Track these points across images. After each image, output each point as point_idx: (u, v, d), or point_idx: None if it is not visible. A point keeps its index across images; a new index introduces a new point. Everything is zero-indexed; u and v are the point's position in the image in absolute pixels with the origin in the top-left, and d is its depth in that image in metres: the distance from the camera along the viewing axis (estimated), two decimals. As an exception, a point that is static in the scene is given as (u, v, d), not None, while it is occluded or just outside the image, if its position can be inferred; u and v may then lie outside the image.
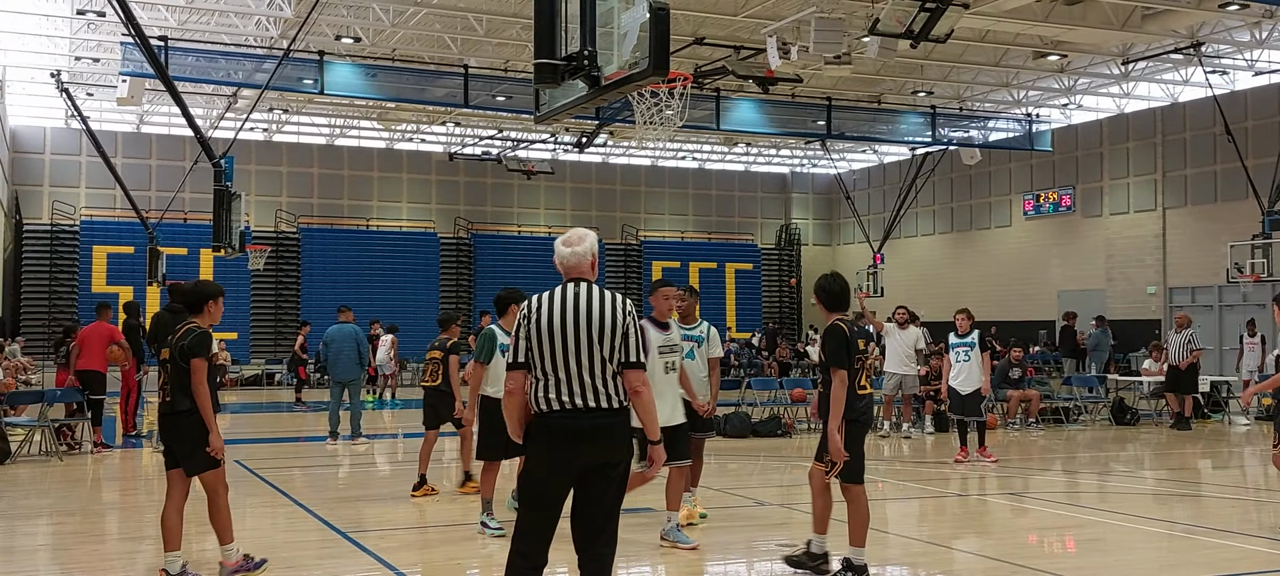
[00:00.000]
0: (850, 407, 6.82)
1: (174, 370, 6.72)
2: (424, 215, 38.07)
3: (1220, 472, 13.50)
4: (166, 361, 6.79)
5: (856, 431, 6.94)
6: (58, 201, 34.15)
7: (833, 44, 17.97)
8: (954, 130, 30.65)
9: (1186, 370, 17.85)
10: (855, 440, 6.93)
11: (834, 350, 6.80)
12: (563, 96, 7.67)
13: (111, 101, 27.39)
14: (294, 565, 7.69)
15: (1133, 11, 21.87)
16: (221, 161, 19.56)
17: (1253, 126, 27.65)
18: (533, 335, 4.82)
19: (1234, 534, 8.91)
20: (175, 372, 6.71)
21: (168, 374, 6.77)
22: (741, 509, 9.99)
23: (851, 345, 6.83)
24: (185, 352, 6.70)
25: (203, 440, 6.69)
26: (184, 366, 6.69)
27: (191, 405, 6.68)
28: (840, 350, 6.78)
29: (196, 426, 6.68)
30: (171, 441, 6.82)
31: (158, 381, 6.94)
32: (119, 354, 14.21)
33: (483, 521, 8.51)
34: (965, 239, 37.20)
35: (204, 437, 6.69)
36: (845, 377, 6.76)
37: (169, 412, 6.77)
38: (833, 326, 6.90)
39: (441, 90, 25.93)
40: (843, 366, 6.76)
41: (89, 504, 10.81)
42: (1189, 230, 29.81)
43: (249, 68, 23.91)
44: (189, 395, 6.68)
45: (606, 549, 4.88)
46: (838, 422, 6.79)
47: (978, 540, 8.95)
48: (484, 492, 8.61)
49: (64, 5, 23.33)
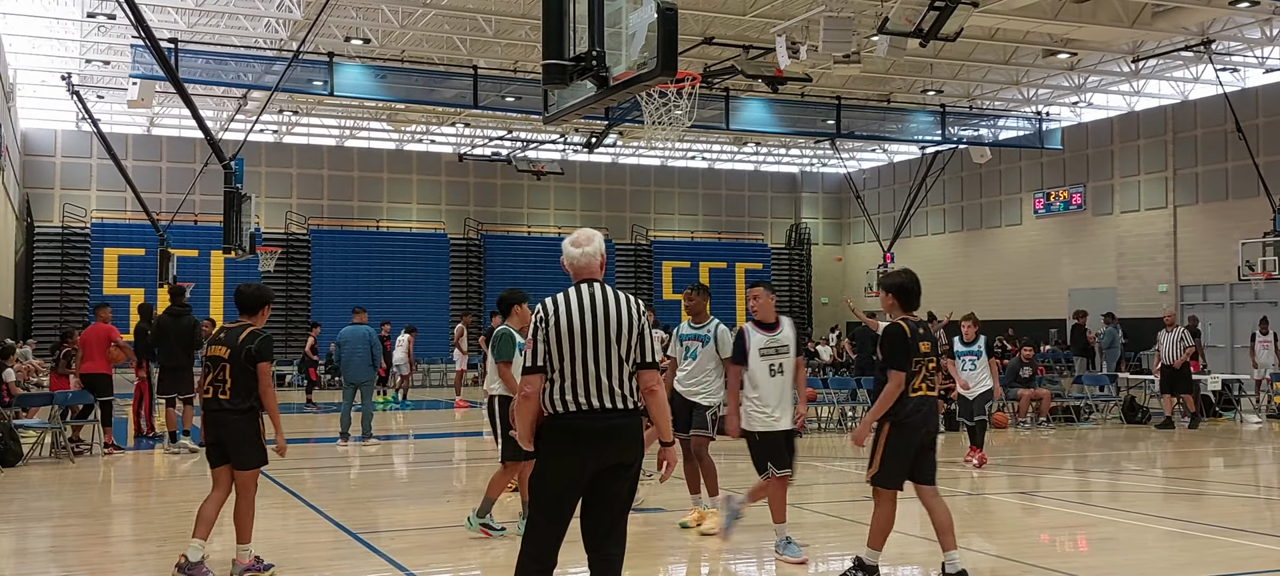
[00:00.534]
0: (898, 408, 6.59)
1: (238, 371, 6.92)
2: (434, 216, 38.12)
3: (1233, 471, 13.44)
4: (220, 360, 6.95)
5: (906, 436, 6.65)
6: (69, 204, 34.28)
7: (842, 43, 17.94)
8: (964, 129, 30.58)
9: (1181, 369, 17.67)
10: (903, 445, 6.65)
11: (892, 351, 6.61)
12: (571, 97, 7.66)
13: (122, 104, 27.49)
14: (305, 567, 7.70)
15: (1143, 9, 21.78)
16: (232, 163, 19.60)
17: (1264, 124, 27.53)
18: (552, 337, 4.81)
19: (1247, 532, 8.87)
20: (238, 373, 6.92)
21: (217, 373, 6.95)
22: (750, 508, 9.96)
23: (913, 347, 6.61)
24: (253, 356, 6.94)
25: (255, 438, 6.97)
26: (250, 369, 6.93)
27: (251, 404, 6.94)
28: (899, 352, 6.58)
29: (252, 424, 6.96)
30: (223, 437, 6.99)
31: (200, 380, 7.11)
32: (118, 353, 14.23)
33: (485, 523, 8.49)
34: (976, 238, 37.11)
35: (257, 435, 6.97)
36: (902, 381, 6.54)
37: (224, 409, 6.95)
38: (895, 327, 6.70)
39: (451, 91, 25.97)
40: (902, 368, 6.55)
41: (99, 506, 10.85)
42: (1200, 228, 29.68)
43: (259, 69, 23.98)
44: (253, 395, 6.93)
45: (617, 549, 4.87)
46: (877, 417, 6.63)
47: (989, 539, 8.92)
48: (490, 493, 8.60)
49: (74, 8, 23.41)
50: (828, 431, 16.98)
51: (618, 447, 4.80)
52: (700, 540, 8.48)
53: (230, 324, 7.16)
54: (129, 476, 12.72)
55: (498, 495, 8.59)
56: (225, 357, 6.95)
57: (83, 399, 14.17)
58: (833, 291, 42.90)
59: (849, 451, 14.87)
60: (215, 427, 7.02)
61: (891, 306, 6.82)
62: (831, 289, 42.97)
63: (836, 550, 8.54)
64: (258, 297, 7.21)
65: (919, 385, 6.66)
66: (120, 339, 14.32)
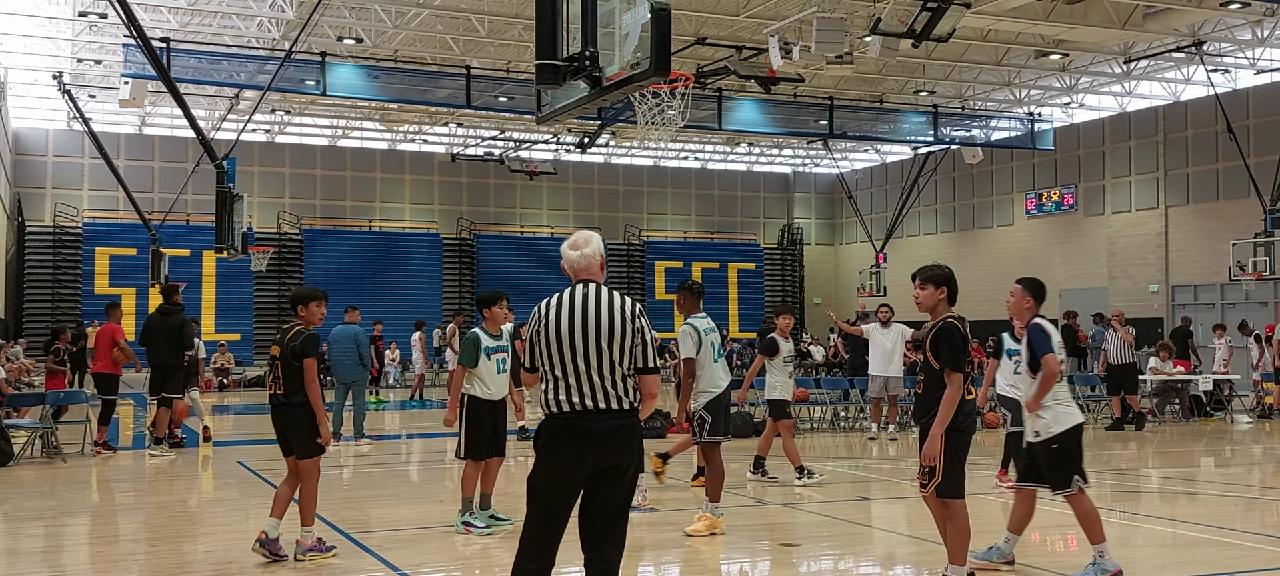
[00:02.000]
0: (958, 414, 6.23)
1: (288, 367, 7.40)
2: (427, 216, 38.10)
3: (1223, 471, 13.49)
4: (275, 359, 7.45)
5: (961, 440, 6.32)
6: (60, 203, 34.19)
7: (834, 43, 17.97)
8: (956, 129, 30.66)
9: (1126, 368, 17.47)
10: (962, 450, 6.34)
11: (951, 352, 6.17)
12: (565, 97, 7.68)
13: (114, 103, 27.45)
14: (298, 567, 7.70)
15: (1134, 10, 21.86)
16: (224, 163, 19.58)
17: (1254, 124, 27.64)
18: (541, 338, 4.84)
19: (1236, 531, 8.91)
20: (288, 369, 7.40)
21: (274, 371, 7.48)
22: (743, 508, 10.00)
23: (968, 346, 6.25)
24: (297, 353, 7.39)
25: (314, 430, 7.45)
26: (297, 365, 7.38)
27: (304, 398, 7.41)
28: (958, 352, 6.17)
29: (309, 417, 7.43)
30: (284, 429, 7.53)
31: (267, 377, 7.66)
32: (120, 355, 14.21)
33: (466, 521, 8.53)
34: (968, 238, 37.19)
35: (315, 427, 7.45)
36: (960, 382, 6.15)
37: (281, 404, 7.48)
38: (948, 326, 6.27)
39: (444, 91, 25.97)
40: (959, 370, 6.15)
41: (91, 506, 10.83)
42: (1191, 228, 29.79)
43: (251, 69, 23.96)
44: (303, 389, 7.41)
45: (615, 550, 4.88)
46: (945, 425, 6.18)
47: (980, 538, 8.94)
48: (465, 491, 8.67)
49: (66, 7, 23.36)
50: (820, 431, 17.00)
51: (615, 449, 4.81)
52: (699, 542, 8.49)
53: (286, 323, 7.72)
54: (121, 476, 12.70)
55: (471, 492, 8.62)
56: (278, 356, 7.45)
57: (78, 399, 14.15)
58: (825, 292, 42.96)
59: (843, 452, 14.89)
60: (277, 421, 7.57)
61: (939, 301, 6.36)
62: (824, 289, 43.03)
63: (829, 551, 8.56)
64: (301, 294, 7.74)
65: (970, 387, 6.37)
66: (122, 341, 14.25)
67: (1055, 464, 6.85)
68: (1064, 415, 6.86)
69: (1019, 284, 7.19)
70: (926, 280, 6.43)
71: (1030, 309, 7.12)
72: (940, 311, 6.37)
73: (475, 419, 8.55)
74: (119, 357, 14.11)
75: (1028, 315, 7.10)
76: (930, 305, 6.42)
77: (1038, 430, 6.89)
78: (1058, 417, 6.84)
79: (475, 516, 8.59)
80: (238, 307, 34.58)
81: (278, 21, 23.43)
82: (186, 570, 7.73)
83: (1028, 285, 7.21)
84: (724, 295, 40.53)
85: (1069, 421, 6.86)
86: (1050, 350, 6.79)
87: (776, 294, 42.41)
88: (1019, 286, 7.23)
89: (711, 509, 8.63)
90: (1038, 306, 7.13)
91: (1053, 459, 6.85)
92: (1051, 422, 6.83)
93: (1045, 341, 6.85)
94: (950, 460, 6.28)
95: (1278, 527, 9.73)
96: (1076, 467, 6.83)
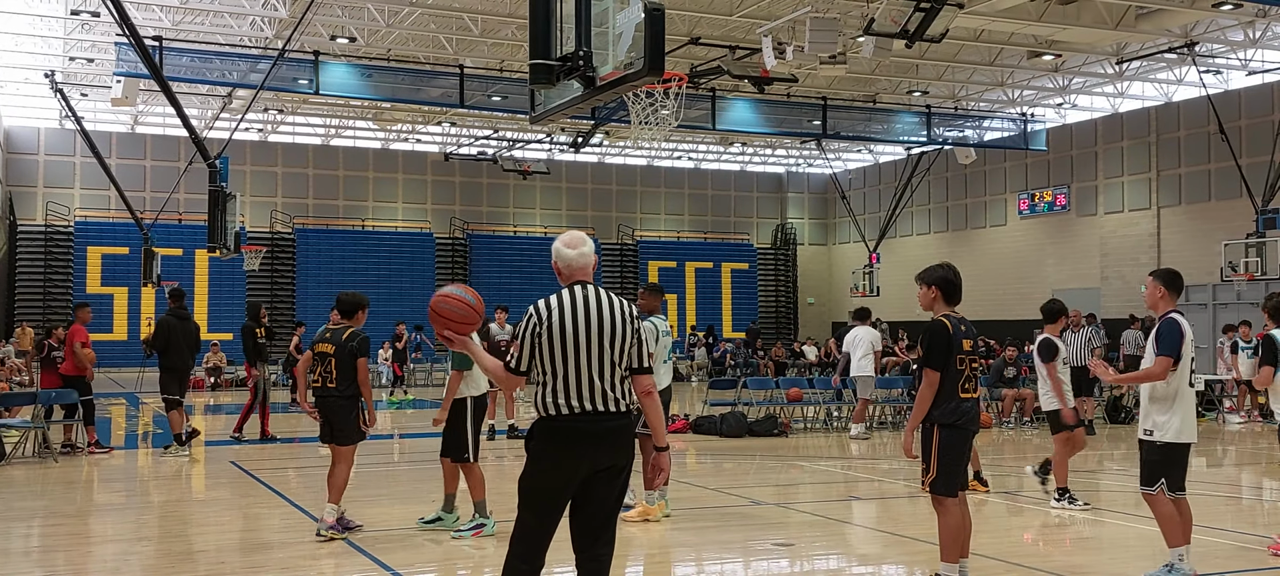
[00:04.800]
0: (951, 411, 6.28)
1: (342, 364, 8.45)
2: (419, 215, 38.06)
3: (1214, 471, 13.53)
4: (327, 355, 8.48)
5: (957, 437, 6.32)
6: (52, 202, 34.09)
7: (828, 43, 17.99)
8: (949, 129, 30.70)
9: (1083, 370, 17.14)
10: (958, 447, 6.34)
11: (932, 348, 6.27)
12: (558, 97, 7.67)
13: (106, 102, 27.39)
14: (289, 566, 7.69)
15: (1126, 11, 21.91)
16: (216, 162, 19.54)
17: (1246, 125, 27.72)
18: (543, 338, 4.80)
19: (1227, 531, 8.93)
20: (342, 366, 8.45)
21: (325, 366, 8.49)
22: (737, 508, 10.00)
23: (954, 344, 6.28)
24: (354, 352, 8.47)
25: (353, 418, 8.49)
26: (351, 363, 8.45)
27: (353, 392, 8.48)
28: (938, 349, 6.26)
29: (352, 408, 8.49)
30: (329, 418, 8.53)
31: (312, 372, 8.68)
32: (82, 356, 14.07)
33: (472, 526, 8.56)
34: (960, 238, 37.25)
35: (356, 418, 8.52)
36: (936, 380, 6.23)
37: (330, 395, 8.47)
38: (937, 323, 6.36)
39: (437, 90, 25.93)
40: (937, 367, 6.24)
41: (83, 506, 10.79)
42: (1183, 229, 29.88)
43: (244, 68, 23.91)
44: (353, 384, 8.47)
45: (606, 550, 4.88)
46: (918, 423, 6.33)
47: (973, 538, 8.96)
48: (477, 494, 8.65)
49: (58, 5, 23.29)
50: (814, 431, 17.02)
51: (613, 450, 4.81)
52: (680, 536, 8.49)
53: (333, 325, 8.74)
54: (113, 476, 12.66)
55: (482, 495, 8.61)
56: (331, 353, 8.47)
57: (66, 398, 14.08)
58: (819, 292, 42.99)
59: (835, 452, 14.91)
60: (323, 411, 8.56)
61: (934, 301, 6.47)
62: (817, 289, 43.06)
63: (822, 550, 8.57)
64: (354, 303, 8.74)
65: (968, 386, 6.35)
66: (78, 344, 14.12)
67: (1153, 464, 6.81)
68: (1181, 428, 6.78)
69: (1152, 276, 7.01)
70: (921, 280, 6.57)
71: (1163, 298, 6.99)
72: (938, 310, 6.45)
73: (477, 419, 8.65)
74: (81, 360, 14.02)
75: (1164, 307, 6.97)
76: (928, 305, 6.52)
77: (1150, 428, 6.84)
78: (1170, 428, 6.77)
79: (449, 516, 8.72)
80: (230, 307, 34.50)
81: (270, 20, 23.39)
82: (180, 569, 7.71)
83: (1161, 276, 7.06)
84: (718, 295, 40.54)
85: (1180, 436, 6.78)
86: (1167, 353, 6.71)
87: (770, 294, 42.44)
88: (1151, 278, 7.10)
89: (647, 497, 8.98)
90: (1175, 298, 6.98)
91: (1153, 458, 6.82)
92: (1164, 428, 6.78)
93: (1172, 341, 6.77)
94: (945, 458, 6.29)
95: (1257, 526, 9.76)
96: (1169, 474, 6.77)
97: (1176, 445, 6.78)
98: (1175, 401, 6.77)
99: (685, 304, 39.44)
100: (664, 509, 9.12)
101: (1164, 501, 6.76)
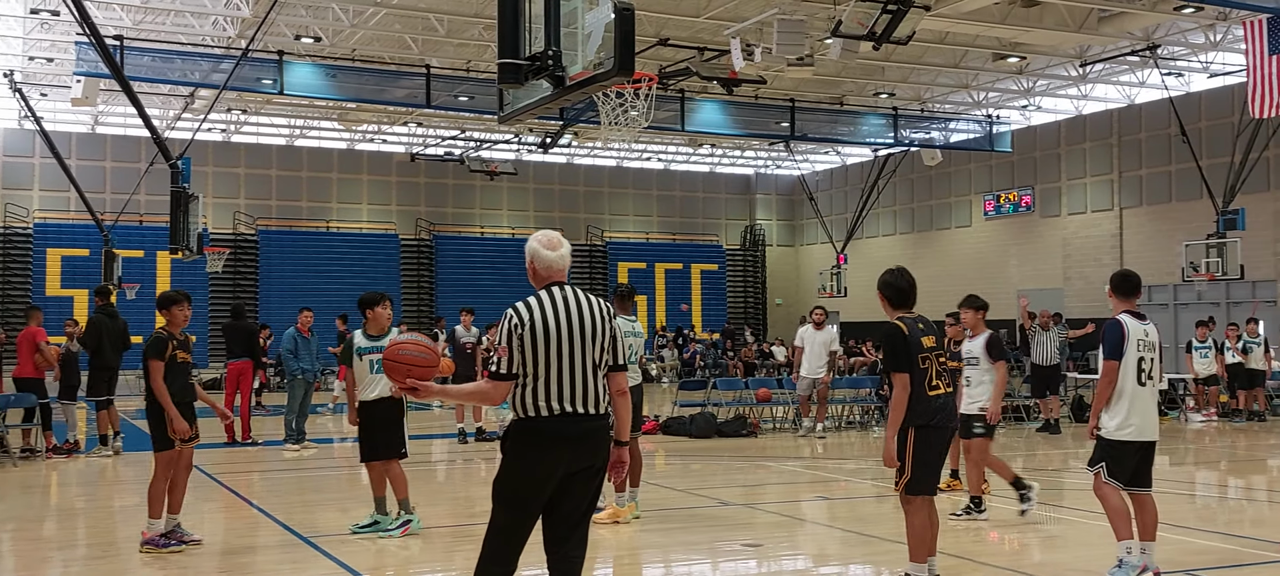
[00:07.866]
0: (921, 411, 6.31)
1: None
2: (385, 216, 37.81)
3: (1177, 470, 13.67)
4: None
5: (931, 436, 6.36)
6: (10, 204, 33.57)
7: (795, 45, 18.04)
8: (915, 131, 30.86)
9: (1052, 370, 17.36)
10: (927, 446, 6.36)
11: (891, 352, 6.34)
12: (527, 97, 7.62)
13: (65, 102, 26.96)
14: (254, 570, 7.60)
15: (1089, 13, 22.13)
16: (178, 163, 19.30)
17: (1207, 127, 28.07)
18: (528, 340, 4.76)
19: (1190, 529, 9.02)
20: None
21: None
22: (705, 509, 9.99)
23: (913, 344, 6.33)
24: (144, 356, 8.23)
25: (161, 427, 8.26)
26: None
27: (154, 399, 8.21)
28: (898, 352, 6.31)
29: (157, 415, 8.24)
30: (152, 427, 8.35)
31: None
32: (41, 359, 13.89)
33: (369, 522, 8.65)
34: (926, 239, 37.49)
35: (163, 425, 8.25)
36: (906, 382, 6.26)
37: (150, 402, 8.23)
38: (890, 327, 6.41)
39: (403, 91, 25.74)
40: (903, 370, 6.28)
41: (40, 511, 10.62)
42: (1145, 229, 30.23)
43: (206, 68, 23.61)
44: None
45: (578, 551, 4.87)
46: (897, 428, 6.32)
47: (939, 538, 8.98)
48: (383, 492, 8.73)
49: (17, 4, 22.94)
50: (783, 431, 17.05)
51: (591, 452, 4.81)
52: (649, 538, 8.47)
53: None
54: (70, 480, 12.47)
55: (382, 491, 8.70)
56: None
57: (25, 402, 13.88)
58: (787, 292, 43.12)
59: (804, 452, 14.94)
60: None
61: (884, 306, 6.60)
62: (785, 290, 43.19)
63: (789, 550, 8.58)
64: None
65: (936, 382, 6.39)
66: (44, 344, 13.95)
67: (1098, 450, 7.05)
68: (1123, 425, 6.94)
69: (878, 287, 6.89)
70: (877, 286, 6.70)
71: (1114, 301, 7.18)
72: (891, 314, 6.56)
73: (363, 421, 8.67)
74: (41, 362, 13.83)
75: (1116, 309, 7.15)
76: (885, 309, 6.63)
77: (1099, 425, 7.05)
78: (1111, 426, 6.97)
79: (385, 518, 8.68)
80: (193, 309, 34.10)
81: (233, 19, 23.15)
82: (141, 571, 7.59)
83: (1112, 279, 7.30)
84: (688, 297, 40.55)
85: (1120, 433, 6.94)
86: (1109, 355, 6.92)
87: (739, 295, 42.53)
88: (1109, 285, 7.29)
89: (617, 499, 9.01)
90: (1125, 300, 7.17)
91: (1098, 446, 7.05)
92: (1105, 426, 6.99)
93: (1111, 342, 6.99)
94: (919, 458, 6.34)
95: (1225, 524, 9.86)
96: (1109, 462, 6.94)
97: (1118, 442, 6.92)
98: (1119, 399, 6.92)
99: (655, 305, 39.45)
100: (634, 510, 9.12)
101: (1112, 493, 6.91)
